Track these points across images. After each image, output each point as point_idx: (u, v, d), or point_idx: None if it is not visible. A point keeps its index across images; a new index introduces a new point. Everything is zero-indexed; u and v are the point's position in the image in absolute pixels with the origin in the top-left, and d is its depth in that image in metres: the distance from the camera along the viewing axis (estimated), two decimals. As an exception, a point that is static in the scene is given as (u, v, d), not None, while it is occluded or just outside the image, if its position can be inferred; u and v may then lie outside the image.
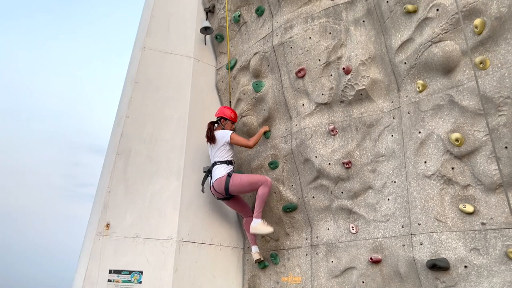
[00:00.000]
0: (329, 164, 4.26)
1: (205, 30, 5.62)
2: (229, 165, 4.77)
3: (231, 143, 4.81)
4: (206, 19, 5.77)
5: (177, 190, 5.02)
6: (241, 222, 5.26)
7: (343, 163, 4.18)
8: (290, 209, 4.63)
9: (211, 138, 4.83)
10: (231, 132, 4.84)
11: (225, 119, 5.02)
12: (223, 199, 4.87)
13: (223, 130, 4.90)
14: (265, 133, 4.97)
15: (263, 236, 5.00)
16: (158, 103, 5.31)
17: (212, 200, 5.22)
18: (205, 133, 5.14)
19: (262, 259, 4.87)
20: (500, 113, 3.23)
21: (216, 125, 5.03)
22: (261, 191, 4.48)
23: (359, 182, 4.12)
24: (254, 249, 4.90)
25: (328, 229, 4.34)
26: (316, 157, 4.36)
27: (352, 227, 4.11)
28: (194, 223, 5.01)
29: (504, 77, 3.22)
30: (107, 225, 4.67)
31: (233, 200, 4.88)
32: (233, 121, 5.05)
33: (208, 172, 4.87)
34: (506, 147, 3.19)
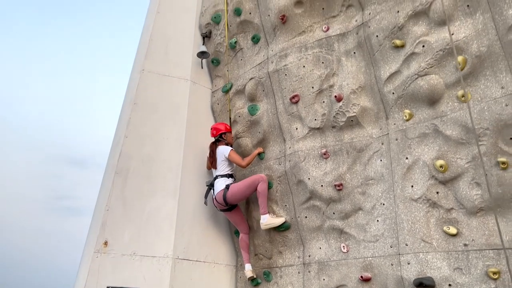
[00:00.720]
0: (322, 186, 4.50)
1: (202, 55, 5.86)
2: (230, 178, 5.06)
3: (229, 158, 5.06)
4: (203, 44, 6.02)
5: (173, 209, 5.19)
6: (235, 240, 5.44)
7: (335, 185, 4.43)
8: (283, 228, 4.84)
9: (212, 163, 5.18)
10: (231, 148, 5.13)
11: (225, 133, 5.27)
12: (225, 210, 5.11)
13: (224, 146, 5.18)
14: (259, 154, 5.19)
15: (256, 253, 5.19)
16: (156, 124, 5.49)
17: (206, 218, 5.40)
18: (200, 154, 5.45)
19: (255, 276, 5.05)
20: (480, 143, 3.52)
21: (217, 142, 5.27)
22: (260, 188, 4.81)
23: (350, 203, 4.36)
24: (247, 266, 5.08)
25: (320, 248, 4.55)
26: (309, 179, 4.59)
27: (343, 246, 4.33)
28: (189, 241, 5.17)
29: (484, 110, 3.53)
30: (105, 243, 4.79)
31: (233, 213, 5.15)
32: (230, 131, 5.36)
33: (211, 185, 5.12)
34: (486, 174, 3.48)
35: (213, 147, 5.25)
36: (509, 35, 3.42)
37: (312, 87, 4.72)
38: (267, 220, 4.79)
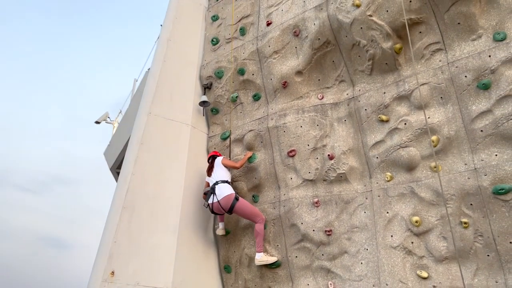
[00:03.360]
0: (313, 230, 5.27)
1: (203, 103, 6.53)
2: (230, 185, 5.69)
3: (223, 163, 5.80)
4: (204, 94, 6.70)
5: (173, 244, 5.67)
6: (223, 274, 6.01)
7: (325, 230, 5.22)
8: (274, 266, 5.50)
9: (209, 171, 5.89)
10: (223, 157, 5.97)
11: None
12: (219, 214, 5.75)
13: (220, 157, 5.97)
14: (249, 158, 5.93)
15: (244, 287, 5.78)
16: (160, 164, 6.01)
17: (200, 254, 5.94)
18: (197, 194, 6.10)
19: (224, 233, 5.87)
20: (448, 206, 4.51)
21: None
22: (259, 228, 5.47)
23: (337, 247, 5.16)
24: (221, 225, 5.89)
25: (308, 284, 5.27)
26: (302, 223, 5.35)
27: (330, 284, 5.09)
28: (185, 274, 5.66)
29: (451, 180, 4.55)
30: (112, 273, 5.16)
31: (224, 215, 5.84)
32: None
33: (212, 190, 5.67)
34: (451, 231, 4.46)
35: (213, 159, 5.95)
36: (472, 125, 4.51)
37: (308, 145, 5.56)
38: (261, 257, 5.44)
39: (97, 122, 12.82)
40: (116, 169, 11.71)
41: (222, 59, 6.70)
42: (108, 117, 13.07)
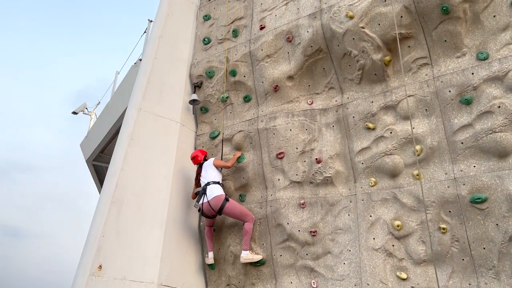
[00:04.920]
0: (299, 230, 5.47)
1: (193, 102, 6.62)
2: (221, 186, 5.80)
3: (214, 164, 5.91)
4: (194, 93, 6.78)
5: (159, 239, 5.75)
6: (207, 270, 6.13)
7: (310, 231, 5.43)
8: (259, 264, 5.67)
9: (197, 183, 6.00)
10: (214, 158, 6.04)
11: (206, 155, 6.23)
12: (209, 216, 5.83)
13: (209, 160, 6.07)
14: (238, 158, 6.08)
15: (228, 284, 5.92)
16: (149, 160, 6.06)
17: (185, 249, 6.04)
18: (184, 190, 6.17)
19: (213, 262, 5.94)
20: (428, 212, 4.81)
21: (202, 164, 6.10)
22: (248, 226, 5.61)
23: (321, 247, 5.38)
24: (210, 254, 5.94)
25: (291, 282, 5.47)
26: (288, 223, 5.54)
27: (313, 282, 5.31)
28: (171, 269, 5.75)
29: (432, 187, 4.84)
30: (100, 267, 5.19)
31: (213, 220, 5.95)
32: (206, 153, 6.28)
33: (203, 191, 5.76)
34: (430, 235, 4.76)
35: (199, 169, 6.03)
36: (453, 137, 4.81)
37: (296, 148, 5.75)
38: (247, 255, 5.60)
39: (74, 113, 12.62)
40: (93, 161, 11.60)
41: (213, 59, 6.80)
42: (86, 108, 12.90)
